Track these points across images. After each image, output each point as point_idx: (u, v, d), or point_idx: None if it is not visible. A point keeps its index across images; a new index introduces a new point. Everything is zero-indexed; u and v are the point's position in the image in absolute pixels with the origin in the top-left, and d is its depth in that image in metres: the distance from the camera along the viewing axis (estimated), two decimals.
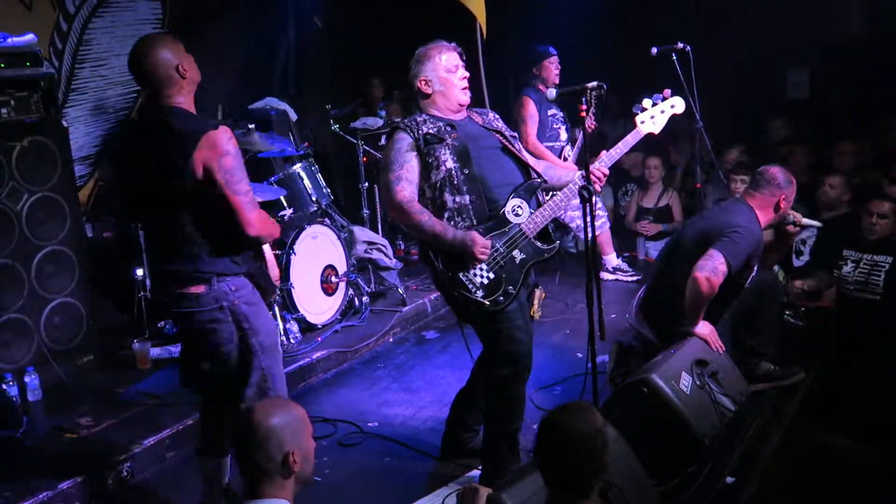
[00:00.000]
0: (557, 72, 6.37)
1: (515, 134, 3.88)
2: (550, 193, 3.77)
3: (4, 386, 4.48)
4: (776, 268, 5.63)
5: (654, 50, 5.72)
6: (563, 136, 6.50)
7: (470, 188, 3.55)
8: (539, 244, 3.62)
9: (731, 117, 7.71)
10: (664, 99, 3.93)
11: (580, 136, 6.37)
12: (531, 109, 6.30)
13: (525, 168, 3.74)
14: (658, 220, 7.38)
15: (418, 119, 3.65)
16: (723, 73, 6.13)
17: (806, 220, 4.54)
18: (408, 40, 3.96)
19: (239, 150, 3.13)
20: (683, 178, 7.69)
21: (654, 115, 3.88)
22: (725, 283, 4.12)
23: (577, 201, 3.62)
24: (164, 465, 4.26)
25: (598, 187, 3.70)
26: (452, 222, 3.53)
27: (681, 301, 4.17)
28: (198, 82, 3.23)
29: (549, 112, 6.43)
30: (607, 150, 3.86)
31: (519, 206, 3.60)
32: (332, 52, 8.36)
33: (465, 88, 3.70)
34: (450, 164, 3.55)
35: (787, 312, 5.40)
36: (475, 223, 3.54)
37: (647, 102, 3.90)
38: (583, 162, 3.65)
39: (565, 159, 6.40)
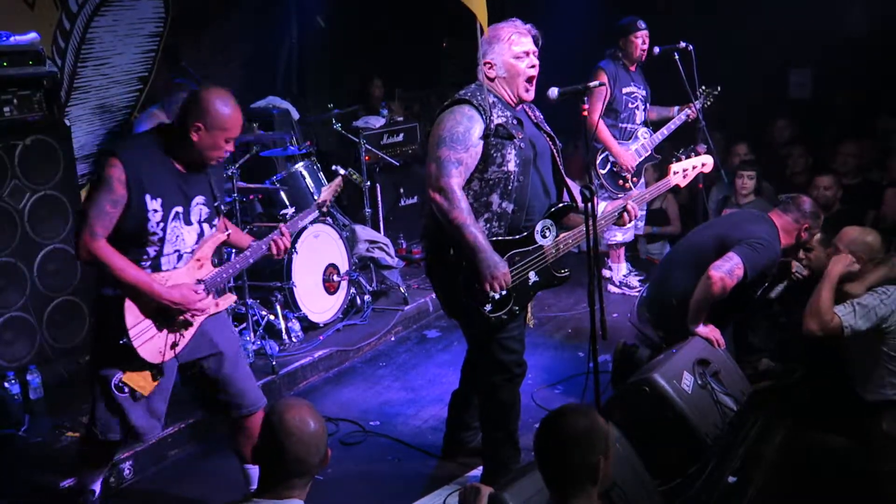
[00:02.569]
0: (645, 48, 5.98)
1: (559, 143, 3.71)
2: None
3: (6, 384, 4.50)
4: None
5: (657, 49, 5.72)
6: (640, 117, 6.11)
7: (518, 197, 3.42)
8: (553, 271, 3.57)
9: (734, 117, 7.71)
10: (697, 154, 4.13)
11: (675, 120, 6.00)
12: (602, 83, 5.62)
13: (561, 185, 3.63)
14: (652, 222, 7.28)
15: (490, 100, 3.40)
16: (725, 73, 6.13)
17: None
18: (409, 40, 3.96)
19: (109, 180, 3.09)
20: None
21: (687, 169, 4.03)
22: (733, 292, 4.11)
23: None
24: (165, 463, 4.26)
25: (626, 220, 3.72)
26: (488, 225, 3.40)
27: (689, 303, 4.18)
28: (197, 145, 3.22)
29: (626, 90, 6.02)
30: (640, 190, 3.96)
31: (548, 228, 3.51)
32: (334, 51, 8.36)
33: (530, 79, 3.46)
34: (512, 166, 3.38)
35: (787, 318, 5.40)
36: (506, 233, 3.45)
37: (682, 155, 4.12)
38: (588, 161, 3.62)
39: (636, 140, 6.08)
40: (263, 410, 3.48)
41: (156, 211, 3.17)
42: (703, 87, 5.85)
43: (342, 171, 4.48)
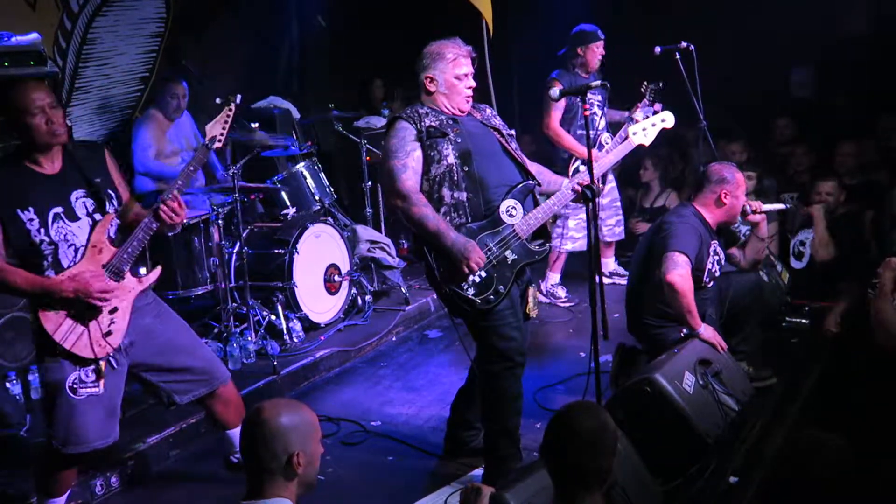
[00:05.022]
0: (601, 58, 6.01)
1: (513, 132, 3.89)
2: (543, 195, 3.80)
3: (8, 384, 4.50)
4: (779, 266, 5.62)
5: (658, 49, 5.70)
6: (600, 123, 6.05)
7: (468, 185, 3.57)
8: (531, 246, 3.65)
9: (734, 117, 7.70)
10: (655, 112, 4.07)
11: (624, 128, 6.00)
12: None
13: (522, 168, 3.76)
14: (651, 220, 7.22)
15: (420, 111, 3.66)
16: (726, 73, 6.12)
17: (766, 206, 4.49)
18: (411, 39, 3.97)
19: None
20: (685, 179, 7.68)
21: (646, 128, 4.01)
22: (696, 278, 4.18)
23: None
24: (167, 463, 4.27)
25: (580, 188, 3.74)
26: (448, 218, 3.54)
27: (652, 307, 4.26)
28: None
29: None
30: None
31: (513, 207, 3.62)
32: (335, 50, 8.36)
33: (468, 97, 3.71)
34: (451, 159, 3.56)
35: (790, 317, 5.39)
36: (470, 220, 3.56)
37: (638, 115, 4.05)
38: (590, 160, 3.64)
39: (601, 147, 5.88)
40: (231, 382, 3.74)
41: (32, 220, 3.21)
42: (646, 83, 5.52)
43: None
